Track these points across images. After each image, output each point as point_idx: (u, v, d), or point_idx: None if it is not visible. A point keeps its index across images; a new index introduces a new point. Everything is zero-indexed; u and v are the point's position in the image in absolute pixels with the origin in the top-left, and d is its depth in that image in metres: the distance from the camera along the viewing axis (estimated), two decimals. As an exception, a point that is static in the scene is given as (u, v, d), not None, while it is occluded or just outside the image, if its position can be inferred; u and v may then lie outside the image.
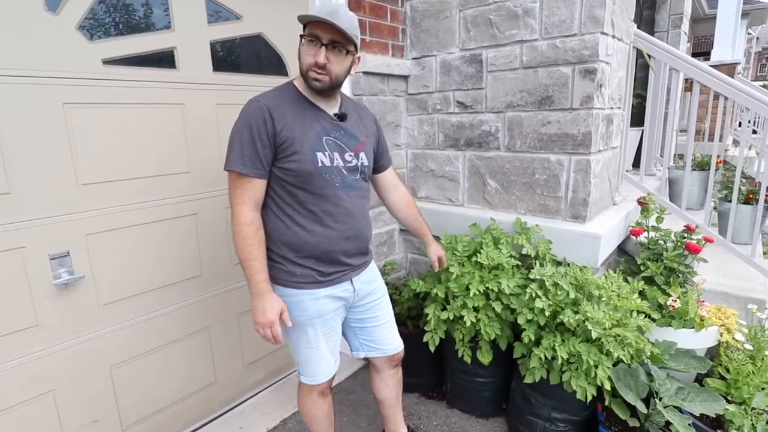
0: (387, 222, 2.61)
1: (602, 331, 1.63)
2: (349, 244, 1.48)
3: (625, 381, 1.75)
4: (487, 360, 1.98)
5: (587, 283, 1.80)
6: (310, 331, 1.48)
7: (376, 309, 1.65)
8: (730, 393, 1.87)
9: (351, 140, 1.47)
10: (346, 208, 1.44)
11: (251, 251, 1.34)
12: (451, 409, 2.25)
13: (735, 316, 2.06)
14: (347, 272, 1.51)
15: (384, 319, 1.68)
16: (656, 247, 2.21)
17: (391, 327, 1.72)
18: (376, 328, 1.67)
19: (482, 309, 1.93)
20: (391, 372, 1.81)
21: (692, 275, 2.12)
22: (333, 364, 1.58)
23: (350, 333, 1.69)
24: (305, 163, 1.34)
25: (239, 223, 1.33)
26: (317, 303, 1.45)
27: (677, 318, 1.97)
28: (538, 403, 1.91)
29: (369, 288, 1.61)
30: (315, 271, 1.43)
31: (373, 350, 1.70)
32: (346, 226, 1.45)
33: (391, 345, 1.72)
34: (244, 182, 1.33)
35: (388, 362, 1.76)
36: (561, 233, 2.05)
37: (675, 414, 1.68)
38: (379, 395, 1.83)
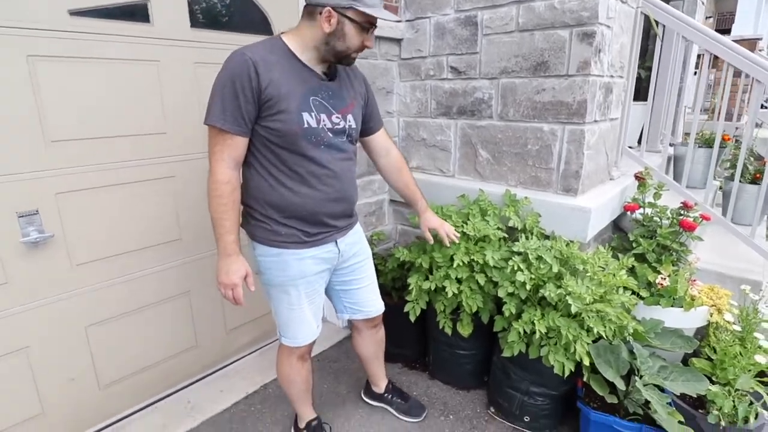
0: (376, 192, 2.56)
1: (583, 306, 1.58)
2: (335, 206, 1.45)
3: (605, 357, 1.72)
4: (467, 332, 1.95)
5: (572, 257, 1.74)
6: (292, 291, 1.46)
7: (360, 271, 1.65)
8: (715, 374, 1.83)
9: (339, 102, 1.41)
10: (332, 170, 1.40)
11: (224, 211, 1.30)
12: (432, 380, 2.24)
13: (727, 296, 2.00)
14: (332, 233, 1.48)
15: (367, 281, 1.69)
16: (651, 224, 2.13)
17: (373, 289, 1.74)
18: (359, 291, 1.67)
19: (465, 281, 1.88)
20: (371, 332, 1.83)
21: (686, 254, 2.05)
22: (315, 327, 1.57)
23: (335, 296, 1.69)
24: (291, 123, 1.29)
25: (216, 180, 1.29)
26: (301, 263, 1.43)
27: (666, 296, 1.91)
28: (517, 376, 1.88)
29: (353, 250, 1.59)
30: (300, 231, 1.41)
31: (356, 312, 1.71)
32: (333, 188, 1.42)
33: (374, 307, 1.74)
34: (224, 139, 1.27)
35: (367, 324, 1.79)
36: (551, 206, 1.98)
37: (654, 392, 1.64)
38: (360, 352, 1.91)
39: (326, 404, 2.07)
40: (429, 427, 1.94)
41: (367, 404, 2.06)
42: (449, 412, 2.03)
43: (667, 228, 2.05)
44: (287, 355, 1.60)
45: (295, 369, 1.63)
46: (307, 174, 1.36)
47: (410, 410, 1.97)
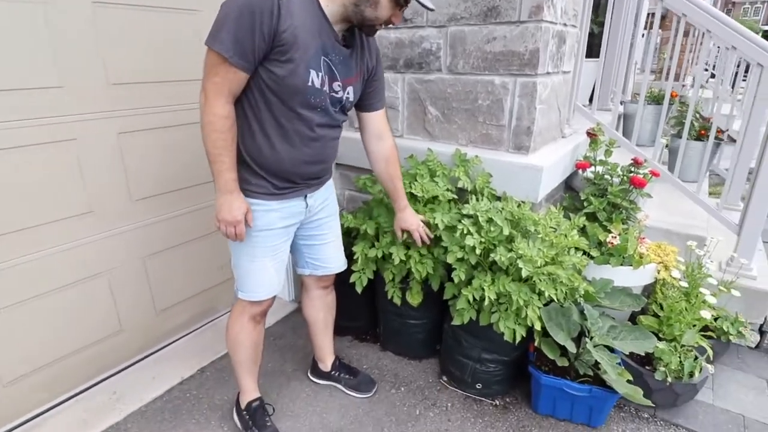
0: (320, 155, 2.35)
1: (534, 269, 1.50)
2: (310, 168, 1.40)
3: (557, 320, 1.66)
4: (417, 301, 1.84)
5: (523, 218, 1.65)
6: (256, 242, 1.40)
7: (325, 227, 1.60)
8: (662, 330, 1.83)
9: (346, 70, 1.33)
10: (318, 134, 1.34)
11: (224, 146, 1.23)
12: (383, 351, 2.15)
13: (674, 253, 1.99)
14: (302, 189, 1.43)
15: (332, 237, 1.65)
16: (602, 183, 2.08)
17: (338, 246, 1.70)
18: (323, 246, 1.63)
19: (413, 246, 1.76)
20: (319, 293, 1.75)
21: (636, 211, 2.02)
22: (276, 284, 1.50)
23: (296, 250, 1.64)
24: (296, 76, 1.20)
25: (215, 113, 1.19)
26: (267, 215, 1.38)
27: (616, 255, 1.88)
28: (468, 344, 1.81)
29: (321, 205, 1.55)
30: (270, 183, 1.35)
31: (318, 268, 1.67)
32: (313, 151, 1.36)
33: (336, 263, 1.70)
34: (227, 71, 1.16)
35: (319, 283, 1.72)
36: (503, 166, 1.86)
37: (604, 353, 1.61)
38: (309, 317, 1.82)
39: (271, 384, 1.93)
40: (380, 401, 1.86)
41: (315, 383, 1.94)
42: (401, 383, 1.95)
43: (618, 186, 2.00)
44: (239, 313, 1.52)
45: (246, 330, 1.54)
46: (293, 132, 1.29)
47: (359, 386, 1.87)
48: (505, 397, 1.89)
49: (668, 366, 1.69)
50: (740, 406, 1.84)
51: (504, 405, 1.85)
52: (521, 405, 1.85)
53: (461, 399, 1.87)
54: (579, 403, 1.69)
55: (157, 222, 1.95)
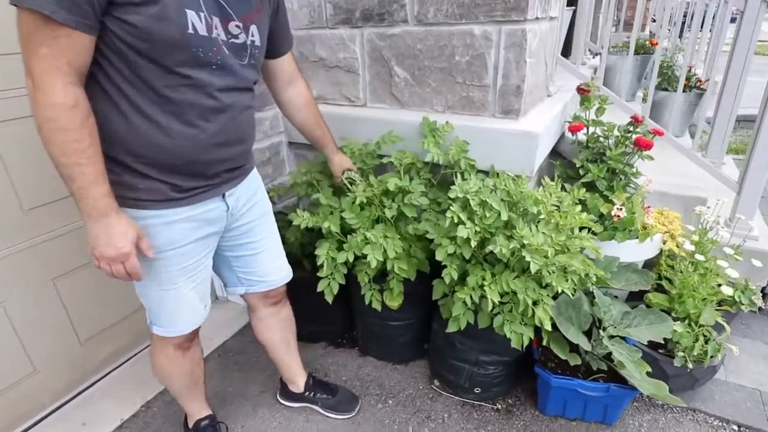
0: (268, 133, 1.97)
1: (543, 261, 1.23)
2: (224, 152, 1.04)
3: (567, 314, 1.43)
4: (397, 303, 1.56)
5: (523, 198, 1.37)
6: (162, 267, 1.06)
7: (256, 232, 1.26)
8: (673, 308, 1.64)
9: (240, 3, 0.97)
10: (224, 102, 0.99)
11: (81, 150, 0.84)
12: (364, 357, 1.87)
13: (678, 219, 1.79)
14: (218, 185, 1.08)
15: (268, 243, 1.31)
16: (597, 146, 1.83)
17: (277, 253, 1.37)
18: (257, 257, 1.29)
19: (389, 240, 1.45)
20: (271, 311, 1.44)
21: (636, 176, 1.79)
22: (201, 310, 1.21)
23: (223, 265, 1.30)
24: (165, 23, 0.83)
25: (54, 105, 0.80)
26: (170, 229, 1.03)
27: (621, 229, 1.65)
28: (464, 347, 1.55)
29: (248, 204, 1.21)
30: (167, 185, 0.99)
31: (254, 284, 1.34)
32: (221, 127, 1.00)
33: (277, 275, 1.37)
34: (57, 35, 0.77)
35: (265, 300, 1.40)
36: (489, 134, 1.56)
37: (622, 346, 1.40)
38: (263, 340, 1.50)
39: (234, 412, 1.62)
40: (365, 420, 1.58)
41: (287, 406, 1.64)
42: (387, 395, 1.68)
43: (616, 149, 1.75)
44: (161, 345, 1.23)
45: (173, 360, 1.26)
46: (184, 105, 0.93)
47: (339, 405, 1.59)
48: (507, 399, 1.66)
49: (688, 350, 1.51)
50: (755, 380, 1.70)
51: (507, 408, 1.63)
52: (526, 406, 1.63)
53: (458, 406, 1.63)
54: (593, 402, 1.49)
55: (61, 234, 1.53)
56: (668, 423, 1.55)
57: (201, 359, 1.35)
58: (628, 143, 1.78)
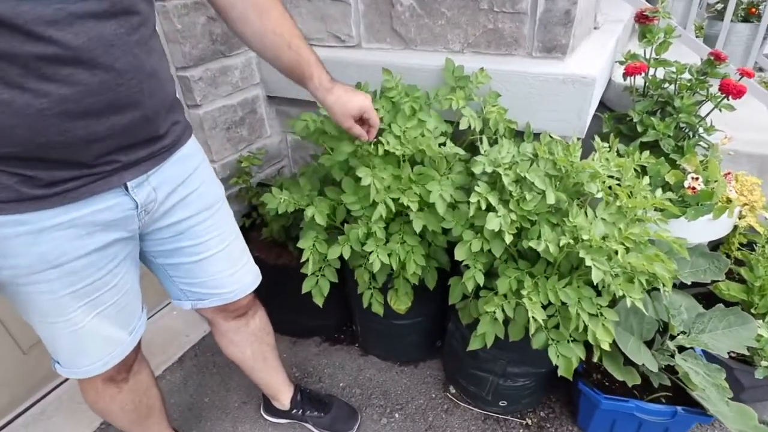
0: (239, 86, 1.57)
1: (609, 265, 0.88)
2: (97, 124, 0.68)
3: (627, 323, 1.09)
4: (404, 307, 1.23)
5: (576, 171, 0.99)
6: (36, 294, 0.75)
7: (199, 231, 0.92)
8: (752, 302, 1.30)
9: None
10: (69, 43, 0.61)
11: None
12: (365, 356, 1.58)
13: (758, 187, 1.41)
14: (109, 174, 0.74)
15: (218, 245, 0.96)
16: (660, 94, 1.41)
17: (234, 256, 1.01)
18: (202, 264, 0.95)
19: (396, 233, 1.10)
20: (233, 326, 1.12)
21: (710, 132, 1.39)
22: (124, 337, 0.88)
23: (160, 274, 0.98)
24: None
25: None
26: (40, 241, 0.71)
27: (694, 204, 1.28)
28: (488, 356, 1.24)
29: (177, 195, 0.86)
30: (16, 177, 0.67)
31: (206, 298, 1.00)
32: (80, 85, 0.64)
33: (238, 285, 1.03)
34: None
35: (220, 314, 1.08)
36: (524, 81, 1.16)
37: (698, 364, 1.07)
38: (228, 356, 1.20)
39: (210, 428, 1.35)
40: (366, 440, 1.32)
41: (273, 422, 1.37)
42: (393, 406, 1.40)
43: (689, 97, 1.34)
44: (87, 382, 0.92)
45: (107, 398, 0.96)
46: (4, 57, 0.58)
47: (335, 424, 1.31)
48: (539, 411, 1.38)
49: (772, 358, 1.19)
50: (842, 384, 1.39)
51: (539, 423, 1.34)
52: (562, 420, 1.35)
53: (479, 421, 1.35)
54: (651, 425, 1.19)
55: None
56: (739, 443, 1.26)
57: (150, 384, 1.05)
58: (700, 90, 1.37)
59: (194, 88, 1.42)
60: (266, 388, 1.29)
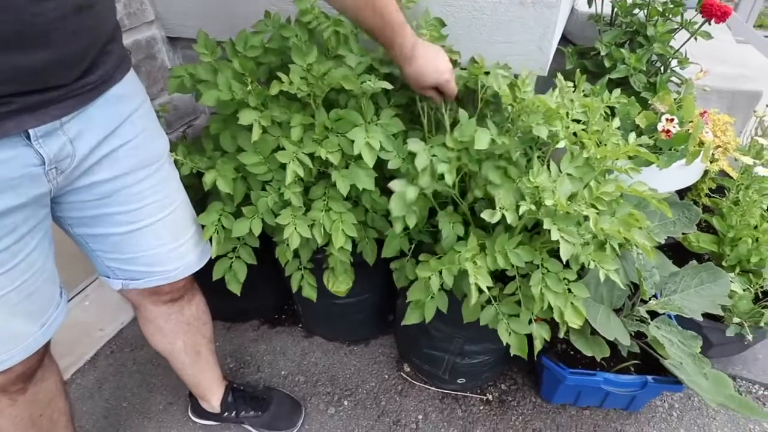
0: (125, 24, 1.25)
1: (579, 237, 0.71)
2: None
3: (597, 294, 0.96)
4: (344, 288, 1.05)
5: (534, 107, 0.80)
6: None
7: (131, 196, 0.73)
8: (722, 254, 1.20)
9: None
10: None
11: None
12: (310, 338, 1.41)
13: (731, 126, 1.28)
14: (5, 117, 0.54)
15: (154, 213, 0.77)
16: (629, 22, 1.22)
17: (174, 227, 0.82)
18: (134, 236, 0.77)
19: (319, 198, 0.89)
20: (165, 310, 0.93)
21: (684, 66, 1.22)
22: (32, 331, 0.69)
23: (80, 246, 0.79)
24: None
25: None
26: None
27: (666, 149, 1.13)
28: (441, 334, 1.10)
29: (104, 148, 0.67)
30: None
31: (139, 277, 0.82)
32: None
33: (177, 263, 0.84)
34: None
35: (152, 297, 0.89)
36: (470, 5, 0.93)
37: (673, 331, 0.96)
38: (155, 346, 1.01)
39: None
40: (312, 435, 1.17)
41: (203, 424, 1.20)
42: (342, 393, 1.26)
43: (663, 24, 1.15)
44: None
45: None
46: None
47: (275, 422, 1.15)
48: (500, 384, 1.27)
49: (743, 314, 1.10)
50: (804, 329, 1.35)
51: (500, 398, 1.23)
52: (524, 391, 1.25)
53: (437, 401, 1.23)
54: (617, 396, 1.10)
55: None
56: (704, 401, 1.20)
57: (56, 394, 0.84)
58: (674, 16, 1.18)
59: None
60: (195, 388, 1.10)
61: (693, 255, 1.29)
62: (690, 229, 1.17)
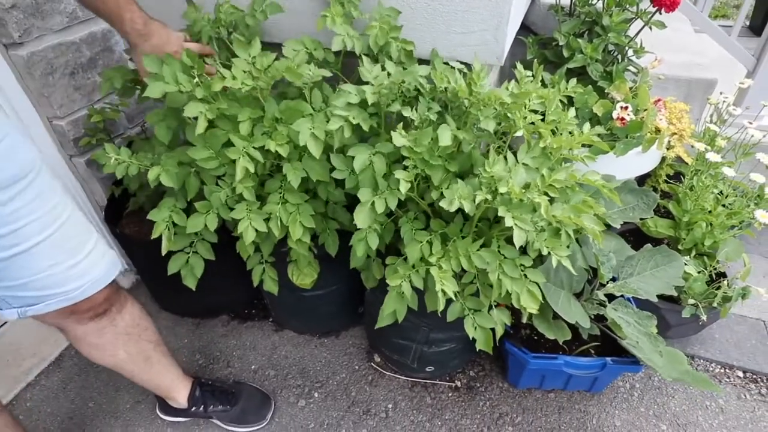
0: (78, 15, 1.21)
1: (532, 225, 0.73)
2: None
3: (557, 279, 0.98)
4: (309, 280, 1.05)
5: (483, 102, 0.81)
6: None
7: (3, 218, 0.66)
8: (679, 238, 1.25)
9: None
10: None
11: None
12: (280, 332, 1.40)
13: (686, 114, 1.32)
14: None
15: (36, 233, 0.70)
16: (587, 12, 1.24)
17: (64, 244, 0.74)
18: (17, 260, 0.70)
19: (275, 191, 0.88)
20: (94, 326, 0.87)
21: (640, 55, 1.25)
22: None
23: None
24: None
25: None
26: None
27: (623, 137, 1.16)
28: (408, 324, 1.10)
29: None
30: None
31: (36, 302, 0.75)
32: None
33: (80, 282, 0.77)
34: None
35: (73, 318, 0.83)
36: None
37: (629, 313, 0.99)
38: (100, 363, 0.95)
39: (95, 443, 1.15)
40: (282, 428, 1.17)
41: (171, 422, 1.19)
42: (312, 385, 1.26)
43: (617, 15, 1.17)
44: None
45: None
46: None
47: (245, 415, 1.15)
48: (468, 371, 1.29)
49: (698, 295, 1.14)
50: (756, 307, 1.41)
51: (468, 384, 1.26)
52: (492, 377, 1.27)
53: (406, 389, 1.25)
54: (580, 378, 1.13)
55: None
56: (664, 381, 1.25)
57: None
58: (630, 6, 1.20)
59: (6, 19, 1.06)
60: (156, 390, 1.08)
61: (652, 240, 1.33)
62: (648, 215, 1.20)
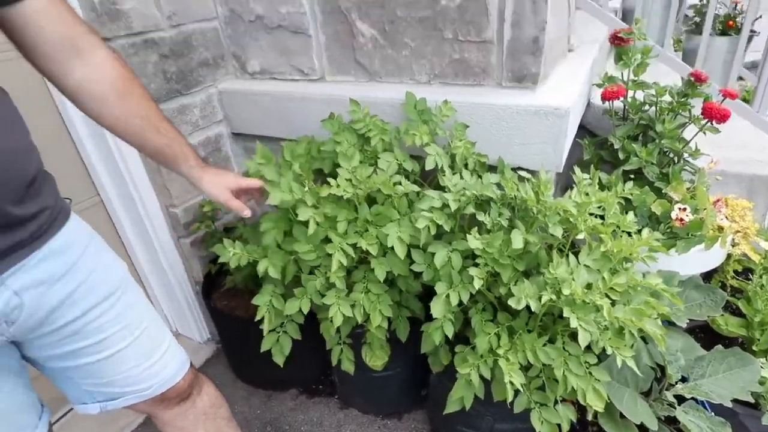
0: (199, 124, 1.48)
1: (596, 327, 0.79)
2: None
3: (621, 376, 1.00)
4: (381, 363, 1.13)
5: (550, 210, 0.90)
6: None
7: (97, 328, 0.75)
8: (752, 339, 1.21)
9: None
10: None
11: None
12: (345, 409, 1.46)
13: (750, 210, 1.34)
14: None
15: (122, 340, 0.79)
16: (640, 117, 1.34)
17: (144, 348, 0.83)
18: (107, 362, 0.79)
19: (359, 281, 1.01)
20: (179, 410, 0.95)
21: (696, 157, 1.32)
22: None
23: (54, 377, 0.80)
24: None
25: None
26: None
27: (683, 235, 1.20)
28: (473, 412, 1.13)
29: (54, 295, 0.68)
30: None
31: (117, 397, 0.84)
32: None
33: (154, 380, 0.86)
34: None
35: (162, 404, 0.91)
36: (493, 113, 1.08)
37: (702, 418, 0.97)
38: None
39: None
40: None
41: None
42: (374, 467, 1.29)
43: (671, 121, 1.27)
44: None
45: None
46: None
47: (310, 493, 1.19)
48: (532, 466, 1.26)
49: (782, 403, 1.09)
50: None
51: (532, 480, 1.23)
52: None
53: (468, 481, 1.24)
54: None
55: None
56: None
57: None
58: (683, 111, 1.30)
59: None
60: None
61: (723, 338, 1.30)
62: (716, 312, 1.19)
